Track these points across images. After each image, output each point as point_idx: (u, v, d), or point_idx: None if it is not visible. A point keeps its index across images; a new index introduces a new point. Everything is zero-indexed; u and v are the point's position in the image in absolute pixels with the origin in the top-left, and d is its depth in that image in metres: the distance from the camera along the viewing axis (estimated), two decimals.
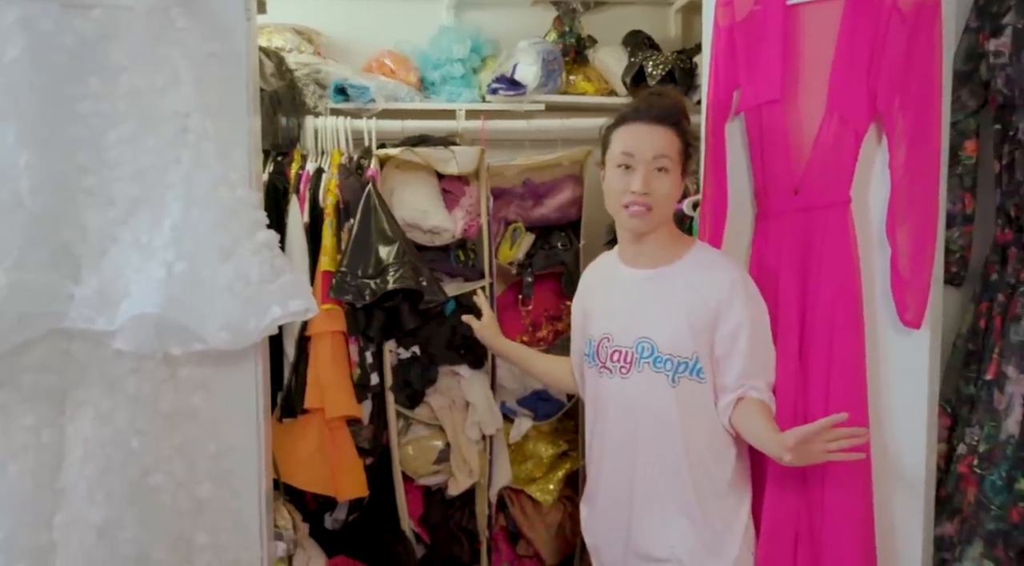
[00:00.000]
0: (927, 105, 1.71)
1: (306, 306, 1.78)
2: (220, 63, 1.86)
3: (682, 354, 1.73)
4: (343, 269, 2.34)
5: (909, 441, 1.81)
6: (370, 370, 2.44)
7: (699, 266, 1.79)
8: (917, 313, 1.74)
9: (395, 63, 2.83)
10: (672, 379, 1.74)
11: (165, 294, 1.67)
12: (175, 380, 1.82)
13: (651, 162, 1.72)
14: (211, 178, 1.78)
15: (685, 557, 1.74)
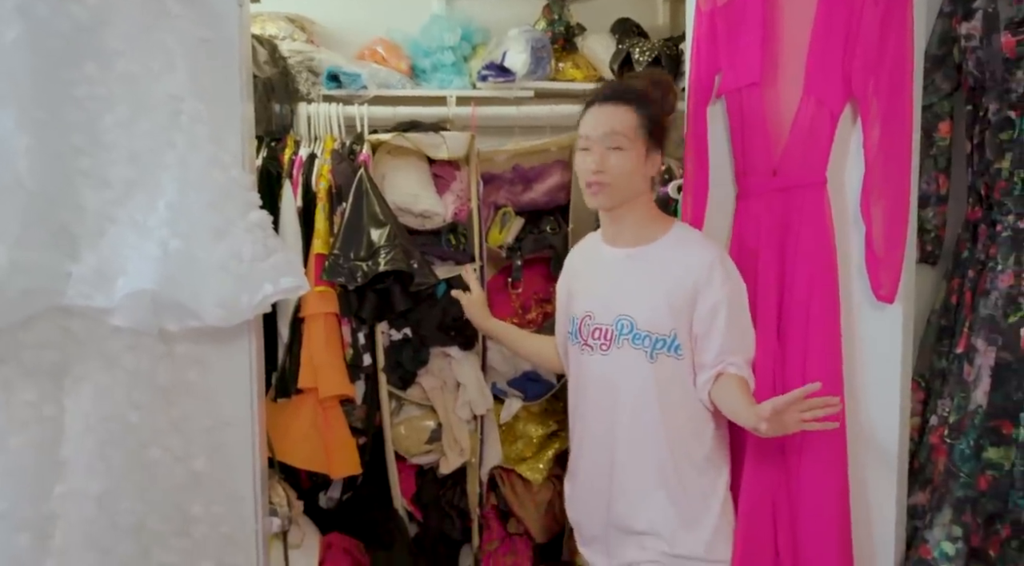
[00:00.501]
0: (900, 87, 1.76)
1: (297, 283, 1.82)
2: (213, 49, 1.90)
3: (660, 331, 1.77)
4: (335, 252, 2.38)
5: (883, 414, 1.86)
6: (362, 351, 2.48)
7: (679, 245, 1.82)
8: (891, 289, 1.79)
9: (387, 51, 2.87)
10: (650, 355, 1.78)
11: (161, 272, 1.71)
12: (172, 356, 1.86)
13: (603, 140, 1.76)
14: (205, 160, 1.82)
15: (664, 530, 1.78)
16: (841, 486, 1.86)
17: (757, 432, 1.65)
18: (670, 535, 1.78)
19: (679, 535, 1.78)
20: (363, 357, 2.49)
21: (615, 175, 1.78)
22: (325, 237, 2.43)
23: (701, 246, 1.82)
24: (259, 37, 2.66)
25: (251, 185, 1.94)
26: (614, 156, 1.77)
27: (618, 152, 1.77)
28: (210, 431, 1.92)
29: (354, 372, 2.50)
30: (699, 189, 2.07)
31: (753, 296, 1.91)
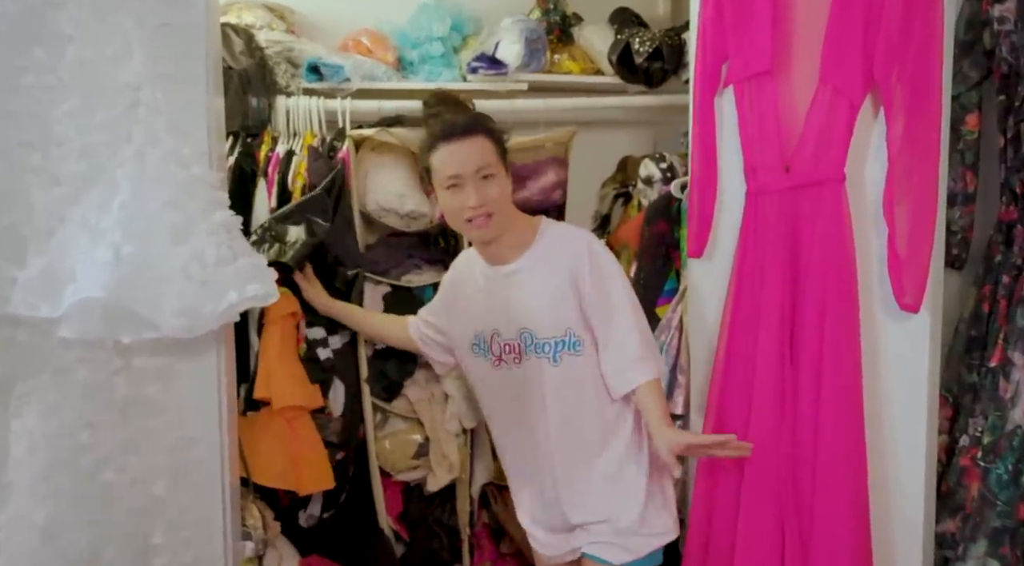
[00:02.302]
0: (927, 74, 1.63)
1: (265, 291, 1.67)
2: (176, 34, 1.76)
3: (557, 334, 1.83)
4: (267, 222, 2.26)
5: (908, 433, 1.73)
6: (316, 345, 2.34)
7: (550, 245, 1.87)
8: (916, 296, 1.64)
9: (372, 42, 2.71)
10: (554, 359, 1.84)
11: (112, 278, 1.57)
12: (129, 370, 1.72)
13: (476, 175, 1.81)
14: (163, 155, 1.68)
15: (609, 514, 1.85)
16: (859, 511, 1.73)
17: (659, 452, 1.74)
18: (614, 517, 1.84)
19: (620, 514, 1.84)
20: (317, 350, 2.34)
21: (494, 202, 1.82)
22: None
23: (569, 238, 1.88)
24: (234, 26, 2.50)
25: (218, 183, 1.79)
26: (488, 185, 1.81)
27: (490, 181, 1.82)
28: (173, 450, 1.78)
29: (313, 369, 2.33)
30: (706, 187, 1.93)
31: (760, 303, 1.79)
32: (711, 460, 1.95)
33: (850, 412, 1.75)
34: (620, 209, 2.89)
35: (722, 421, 1.97)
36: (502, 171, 1.85)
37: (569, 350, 1.83)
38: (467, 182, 1.81)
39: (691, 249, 2.04)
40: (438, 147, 1.86)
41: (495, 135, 1.86)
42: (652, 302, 2.37)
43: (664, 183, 2.48)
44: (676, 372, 2.24)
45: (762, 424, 1.85)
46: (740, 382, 1.92)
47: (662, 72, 2.64)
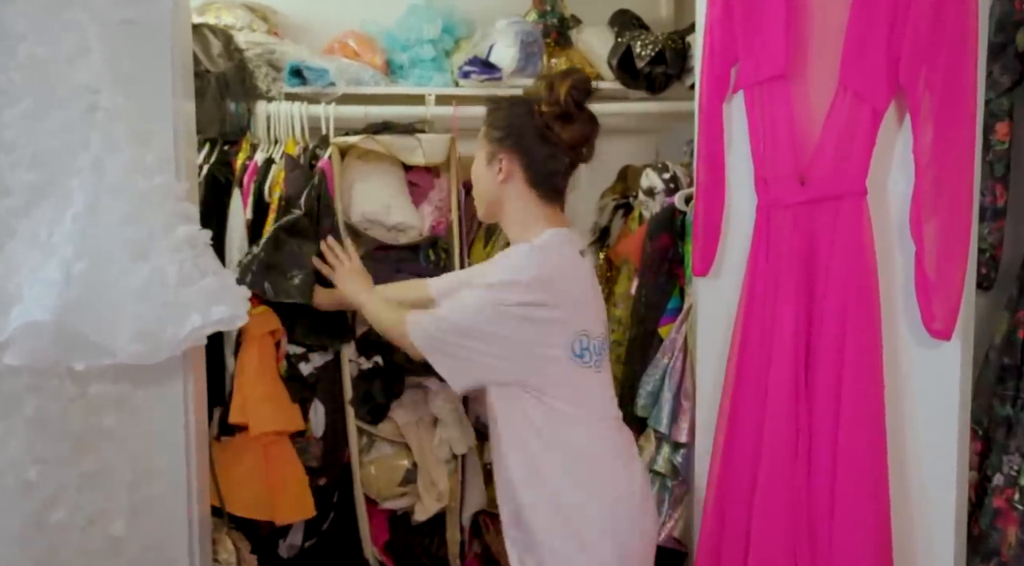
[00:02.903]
0: (959, 78, 1.49)
1: (232, 313, 1.54)
2: (138, 32, 1.66)
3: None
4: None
5: (936, 471, 1.59)
6: (297, 360, 2.20)
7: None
8: (947, 322, 1.50)
9: (359, 44, 2.58)
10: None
11: (62, 299, 1.44)
12: (84, 399, 1.61)
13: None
14: (123, 163, 1.57)
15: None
16: (883, 556, 1.59)
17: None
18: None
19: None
20: (298, 366, 2.20)
21: (474, 180, 1.76)
22: None
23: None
24: (213, 27, 2.37)
25: (184, 194, 1.66)
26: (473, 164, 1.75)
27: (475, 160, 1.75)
28: (133, 486, 1.66)
29: (295, 388, 2.20)
30: (712, 200, 1.79)
31: (773, 327, 1.66)
32: (721, 497, 1.81)
33: (871, 446, 1.61)
34: (620, 221, 2.75)
35: (731, 452, 1.83)
36: (480, 157, 1.73)
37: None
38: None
39: (696, 267, 1.90)
40: None
41: (490, 118, 1.73)
42: (655, 321, 2.23)
43: (667, 194, 2.34)
44: (680, 397, 2.09)
45: (775, 457, 1.72)
46: (751, 411, 1.78)
47: (665, 77, 2.51)
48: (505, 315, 1.56)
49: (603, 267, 2.81)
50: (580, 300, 1.63)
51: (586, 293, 1.65)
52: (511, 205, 1.69)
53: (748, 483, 1.78)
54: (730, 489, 1.83)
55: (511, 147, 1.67)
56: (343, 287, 2.03)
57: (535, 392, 1.61)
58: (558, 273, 1.60)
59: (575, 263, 1.65)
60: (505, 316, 1.56)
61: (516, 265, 1.61)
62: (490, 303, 1.57)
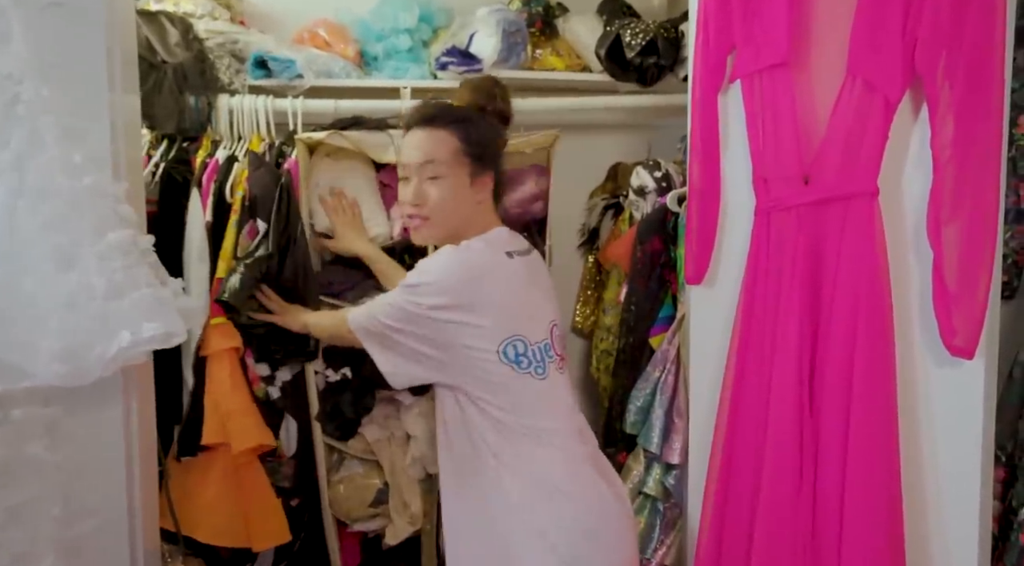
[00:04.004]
0: (983, 64, 1.34)
1: (167, 330, 1.37)
2: (68, 16, 1.52)
3: None
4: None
5: (956, 503, 1.45)
6: (266, 384, 2.08)
7: None
8: (969, 338, 1.35)
9: (330, 34, 2.42)
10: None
11: None
12: (7, 424, 1.43)
13: (420, 170, 1.62)
14: (48, 162, 1.41)
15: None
16: None
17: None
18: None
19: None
20: (268, 390, 2.09)
21: (433, 208, 1.61)
22: (229, 258, 1.99)
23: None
24: (170, 15, 2.22)
25: (122, 195, 1.49)
26: (433, 187, 1.60)
27: (437, 182, 1.60)
28: (64, 522, 1.48)
29: (270, 412, 2.07)
30: (707, 201, 1.65)
31: (774, 340, 1.53)
32: (717, 524, 1.66)
33: (883, 473, 1.47)
34: (610, 222, 2.60)
35: (728, 476, 1.68)
36: (458, 176, 1.61)
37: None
38: (412, 176, 1.63)
39: (689, 274, 1.75)
40: (406, 133, 1.69)
41: (465, 134, 1.62)
42: (645, 331, 2.09)
43: (659, 194, 2.19)
44: (673, 414, 1.94)
45: (777, 483, 1.57)
46: (750, 432, 1.64)
47: (656, 68, 2.37)
48: (421, 317, 1.53)
49: (592, 271, 2.66)
50: (507, 303, 1.55)
51: (516, 295, 1.58)
52: (479, 219, 1.65)
53: (747, 510, 1.64)
54: (728, 515, 1.69)
55: (491, 164, 1.65)
56: (284, 322, 1.99)
57: (477, 398, 1.54)
58: (477, 276, 1.54)
59: (500, 264, 1.58)
60: (421, 318, 1.53)
61: (431, 268, 1.58)
62: (405, 303, 1.54)
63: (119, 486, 1.56)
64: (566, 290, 2.60)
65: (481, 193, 1.64)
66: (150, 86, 2.13)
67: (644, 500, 2.02)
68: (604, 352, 2.41)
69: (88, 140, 1.47)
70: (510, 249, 1.62)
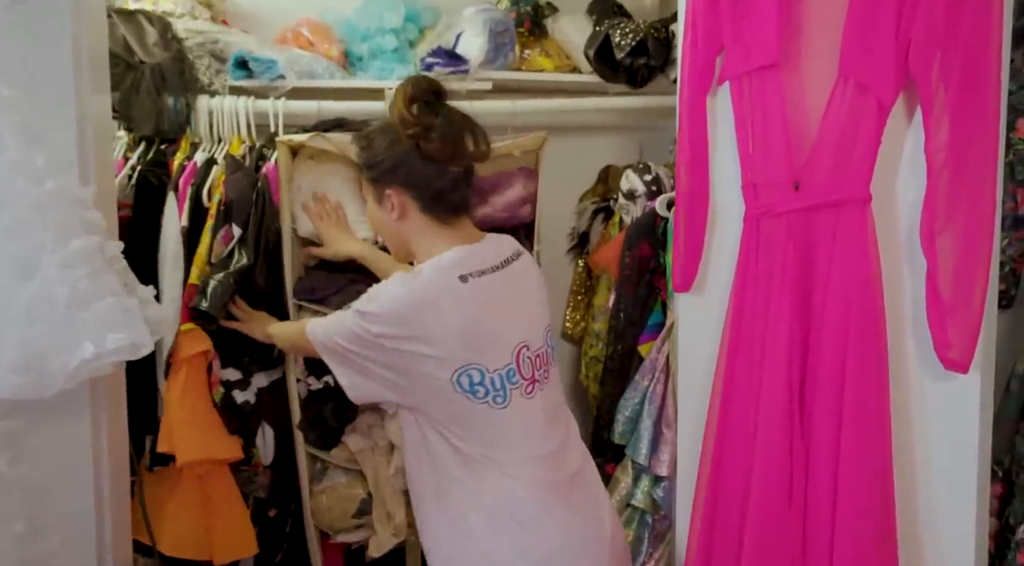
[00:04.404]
0: (979, 66, 1.30)
1: (133, 340, 1.32)
2: (30, 14, 1.48)
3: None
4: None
5: (951, 520, 1.41)
6: (232, 387, 2.02)
7: None
8: (964, 352, 1.30)
9: (314, 34, 2.37)
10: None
11: None
12: None
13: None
14: (9, 166, 1.35)
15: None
16: None
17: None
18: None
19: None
20: (233, 394, 2.03)
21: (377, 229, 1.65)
22: (203, 264, 1.95)
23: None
24: (149, 13, 2.17)
25: (89, 200, 1.44)
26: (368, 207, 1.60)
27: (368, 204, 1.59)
28: (27, 540, 1.42)
29: (233, 417, 2.02)
30: (694, 207, 1.60)
31: (763, 350, 1.49)
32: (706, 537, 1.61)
33: (876, 487, 1.42)
34: (600, 226, 2.55)
35: (717, 489, 1.64)
36: (369, 199, 1.57)
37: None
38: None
39: (677, 282, 1.70)
40: None
41: (361, 154, 1.56)
42: (633, 339, 2.04)
43: (649, 198, 2.14)
44: (661, 424, 1.89)
45: (766, 498, 1.53)
46: (739, 444, 1.59)
47: (647, 69, 2.32)
48: (372, 344, 1.43)
49: (582, 276, 2.61)
50: (457, 333, 1.42)
51: (470, 323, 1.43)
52: (416, 238, 1.54)
53: (737, 523, 1.60)
54: (717, 529, 1.65)
55: (392, 181, 1.52)
56: (248, 330, 1.95)
57: (436, 422, 1.46)
58: (422, 306, 1.42)
59: (450, 291, 1.44)
60: (372, 344, 1.43)
61: (380, 295, 1.47)
62: (356, 328, 1.44)
63: (87, 501, 1.52)
64: (556, 295, 2.55)
65: (395, 213, 1.51)
66: (127, 87, 2.09)
67: (632, 512, 1.97)
68: (593, 359, 2.36)
69: (52, 143, 1.42)
70: (465, 271, 1.47)
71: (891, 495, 1.41)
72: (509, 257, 1.55)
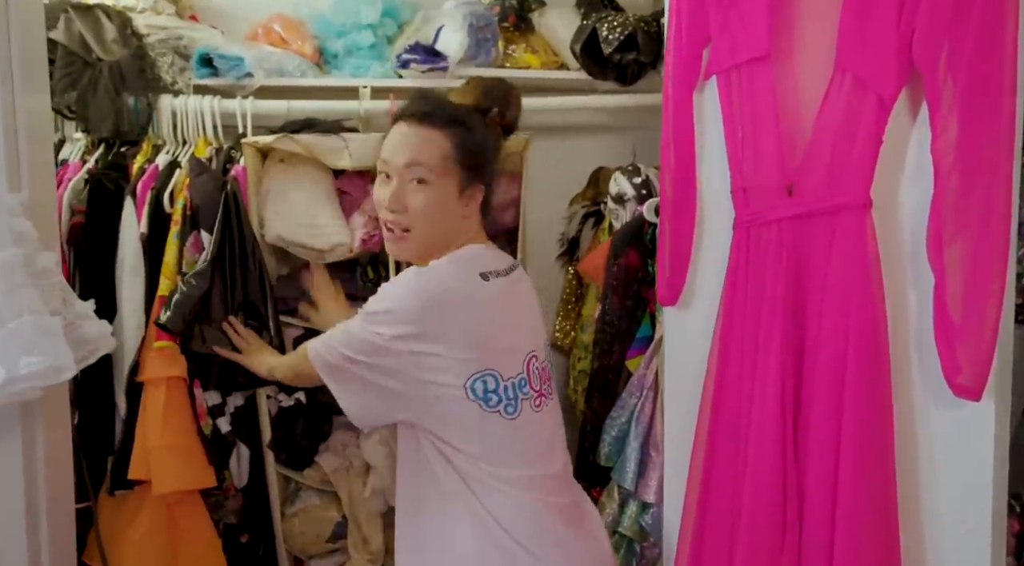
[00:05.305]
0: (992, 57, 1.14)
1: (51, 363, 1.19)
2: None
3: None
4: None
5: (963, 562, 1.25)
6: (215, 414, 1.90)
7: None
8: (976, 376, 1.16)
9: (286, 30, 2.25)
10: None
11: None
12: None
13: (403, 172, 1.41)
14: None
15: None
16: None
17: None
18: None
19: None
20: (217, 422, 1.91)
21: (416, 218, 1.40)
22: (172, 274, 1.82)
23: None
24: (107, 8, 2.07)
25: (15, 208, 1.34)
26: (418, 193, 1.40)
27: (423, 188, 1.40)
28: None
29: (218, 448, 1.90)
30: (680, 215, 1.48)
31: (753, 372, 1.37)
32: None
33: (878, 525, 1.29)
34: (591, 231, 2.41)
35: (704, 517, 1.50)
36: (445, 186, 1.40)
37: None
38: (394, 176, 1.42)
39: (662, 294, 1.57)
40: (394, 125, 1.47)
41: (459, 139, 1.41)
42: (621, 353, 1.91)
43: (639, 202, 2.01)
44: (649, 447, 1.76)
45: (756, 534, 1.39)
46: (727, 471, 1.46)
47: (637, 65, 2.18)
48: (382, 349, 1.33)
49: (572, 283, 2.48)
50: (478, 333, 1.34)
51: (490, 324, 1.36)
52: (460, 238, 1.44)
53: (726, 558, 1.46)
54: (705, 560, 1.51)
55: (484, 175, 1.45)
56: (249, 363, 1.81)
57: (437, 439, 1.35)
58: (443, 302, 1.33)
59: (472, 288, 1.36)
60: (382, 349, 1.33)
61: (395, 292, 1.36)
62: (365, 333, 1.35)
63: (17, 533, 1.39)
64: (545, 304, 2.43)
65: (468, 207, 1.43)
66: (84, 86, 1.97)
67: (620, 540, 1.83)
68: (581, 372, 2.24)
69: None
70: (486, 269, 1.40)
71: (895, 533, 1.27)
72: (512, 265, 1.48)
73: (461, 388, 1.32)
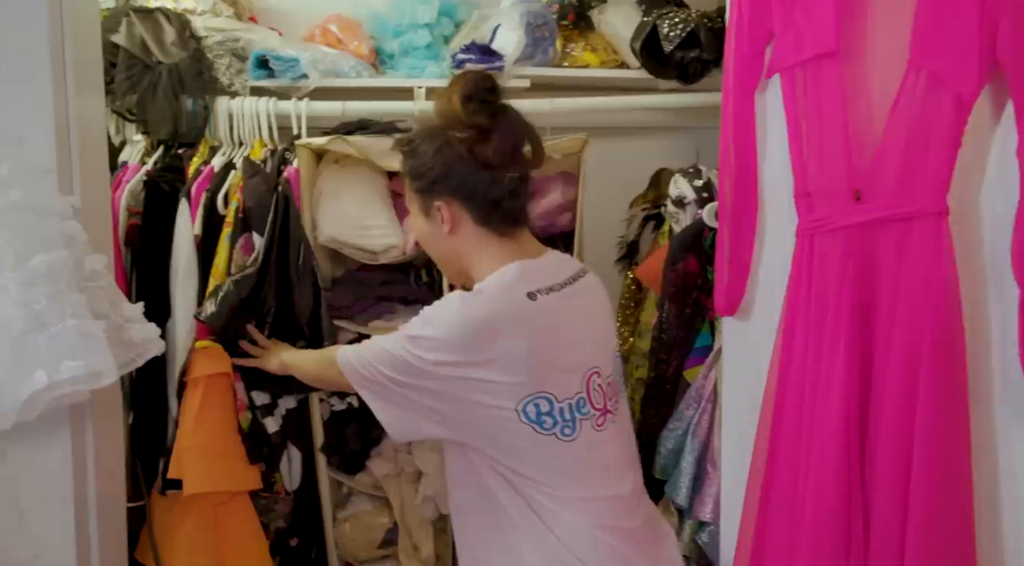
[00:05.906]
0: None
1: (92, 368, 1.19)
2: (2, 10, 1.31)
3: None
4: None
5: None
6: (263, 413, 1.88)
7: None
8: None
9: (343, 30, 2.24)
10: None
11: None
12: None
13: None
14: None
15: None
16: None
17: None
18: None
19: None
20: (264, 423, 1.88)
21: (423, 247, 1.45)
22: (222, 276, 1.81)
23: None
24: (167, 11, 2.07)
25: (65, 211, 1.33)
26: (413, 224, 1.45)
27: (412, 217, 1.43)
28: None
29: (256, 446, 1.88)
30: (740, 221, 1.41)
31: (816, 387, 1.29)
32: None
33: (953, 549, 1.19)
34: (651, 235, 2.34)
35: (763, 542, 1.42)
36: (417, 212, 1.39)
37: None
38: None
39: (721, 304, 1.49)
40: None
41: (408, 162, 1.38)
42: (679, 363, 1.83)
43: (699, 206, 1.92)
44: (705, 462, 1.69)
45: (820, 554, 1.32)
46: (788, 490, 1.38)
47: (699, 63, 2.09)
48: (423, 372, 1.25)
49: (631, 288, 2.41)
50: (529, 357, 1.24)
51: (541, 345, 1.26)
52: (472, 254, 1.37)
53: None
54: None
55: (442, 191, 1.35)
56: (262, 363, 1.79)
57: (487, 457, 1.28)
58: (490, 329, 1.24)
59: (519, 311, 1.27)
60: (423, 372, 1.25)
61: (435, 319, 1.28)
62: (405, 354, 1.27)
63: (67, 533, 1.40)
64: None
65: (447, 223, 1.35)
66: (145, 89, 1.99)
67: None
68: (639, 381, 2.16)
69: (22, 149, 1.31)
70: (534, 287, 1.30)
71: (972, 561, 1.18)
72: (576, 273, 1.39)
73: (512, 411, 1.25)
